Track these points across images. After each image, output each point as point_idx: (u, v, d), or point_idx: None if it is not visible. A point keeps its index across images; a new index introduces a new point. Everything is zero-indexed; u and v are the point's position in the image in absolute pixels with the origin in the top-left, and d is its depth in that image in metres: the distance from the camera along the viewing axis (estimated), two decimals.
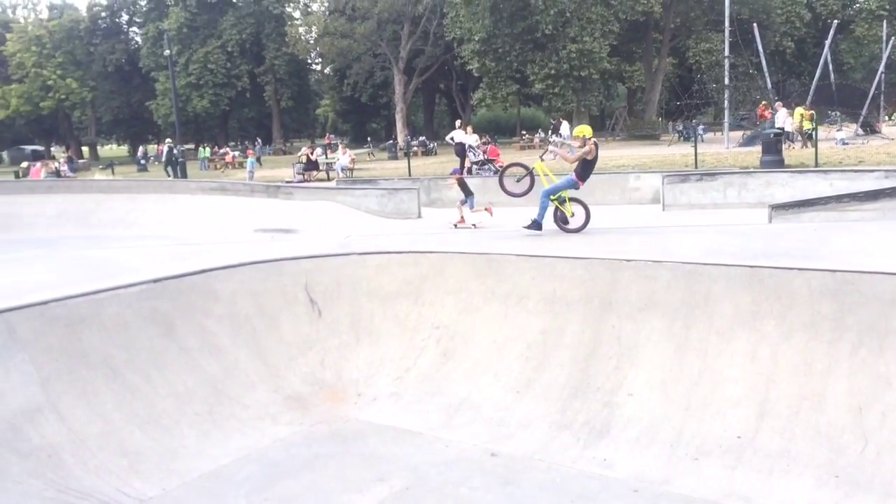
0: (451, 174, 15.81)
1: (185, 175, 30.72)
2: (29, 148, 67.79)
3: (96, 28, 67.43)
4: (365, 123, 74.82)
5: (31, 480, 5.16)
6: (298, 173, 29.07)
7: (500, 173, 11.49)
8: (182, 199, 19.51)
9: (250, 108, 65.35)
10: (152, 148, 60.72)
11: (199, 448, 6.08)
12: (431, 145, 46.39)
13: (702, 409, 5.84)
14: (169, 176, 31.59)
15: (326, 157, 34.54)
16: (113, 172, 38.50)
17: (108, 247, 11.99)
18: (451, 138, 24.96)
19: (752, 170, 17.97)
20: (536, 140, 42.20)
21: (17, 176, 39.07)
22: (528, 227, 10.17)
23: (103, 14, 68.21)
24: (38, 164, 35.61)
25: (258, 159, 42.32)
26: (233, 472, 5.79)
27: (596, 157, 10.07)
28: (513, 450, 6.00)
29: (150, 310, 7.04)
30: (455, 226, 14.21)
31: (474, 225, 14.03)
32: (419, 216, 16.33)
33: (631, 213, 14.73)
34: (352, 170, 29.73)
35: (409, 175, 24.55)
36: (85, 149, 75.49)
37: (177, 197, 19.77)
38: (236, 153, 47.64)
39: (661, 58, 47.39)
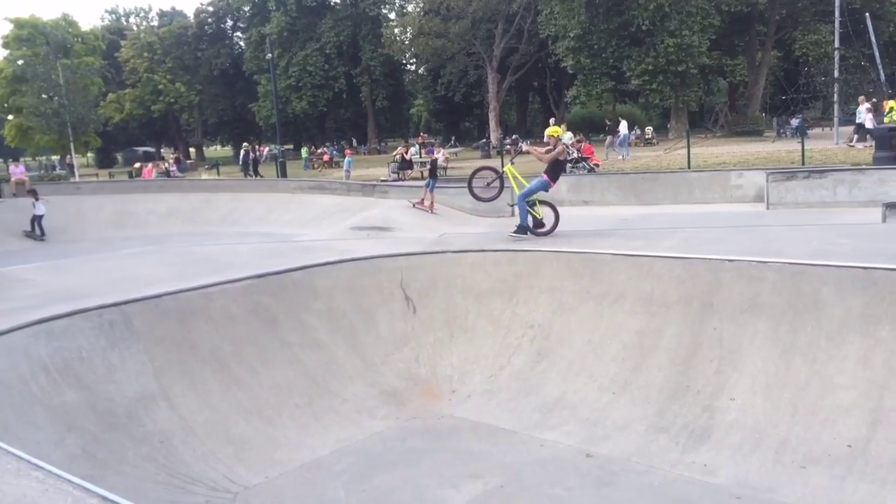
0: (427, 153, 16.42)
1: (285, 174, 31.66)
2: (141, 149, 71.89)
3: (203, 34, 70.35)
4: (458, 122, 74.98)
5: (145, 464, 5.45)
6: (393, 172, 29.46)
7: (469, 178, 11.49)
8: (282, 197, 20.22)
9: (346, 108, 66.57)
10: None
11: (300, 439, 6.28)
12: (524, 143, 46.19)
13: (809, 416, 5.60)
14: (244, 175, 33.04)
15: (420, 156, 34.94)
16: (218, 172, 40.05)
17: (215, 243, 12.50)
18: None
19: (864, 166, 17.05)
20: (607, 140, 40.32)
21: (130, 176, 41.36)
22: (515, 233, 10.02)
23: (209, 20, 71.12)
24: (150, 165, 37.50)
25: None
26: (332, 464, 5.95)
27: (566, 158, 9.92)
28: (609, 451, 5.92)
29: (254, 304, 7.33)
30: (413, 205, 15.30)
31: (431, 210, 15.10)
32: (513, 214, 16.28)
33: (733, 212, 14.25)
34: (445, 168, 29.92)
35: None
36: (192, 150, 78.99)
37: (277, 196, 20.51)
38: (334, 152, 48.78)
39: (766, 51, 45.37)
